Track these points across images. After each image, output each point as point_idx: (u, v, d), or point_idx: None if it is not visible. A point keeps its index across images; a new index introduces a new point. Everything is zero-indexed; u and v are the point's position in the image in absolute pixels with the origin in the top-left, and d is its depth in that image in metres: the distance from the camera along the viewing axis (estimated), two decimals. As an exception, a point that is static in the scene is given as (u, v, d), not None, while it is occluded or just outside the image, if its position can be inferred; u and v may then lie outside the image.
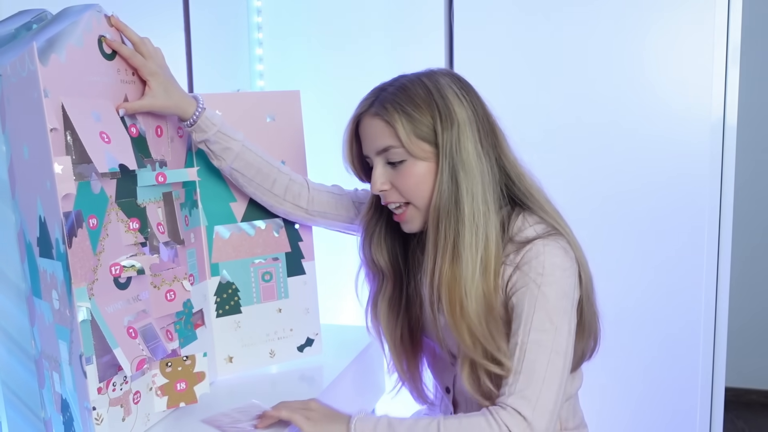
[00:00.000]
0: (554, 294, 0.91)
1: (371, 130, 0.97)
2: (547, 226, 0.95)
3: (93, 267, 0.84)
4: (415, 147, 0.94)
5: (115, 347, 0.85)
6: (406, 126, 0.93)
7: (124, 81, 0.93)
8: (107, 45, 0.90)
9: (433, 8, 1.67)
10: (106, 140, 0.86)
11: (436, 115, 0.93)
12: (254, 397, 1.07)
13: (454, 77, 0.98)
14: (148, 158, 0.98)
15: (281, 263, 1.19)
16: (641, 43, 1.53)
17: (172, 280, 1.00)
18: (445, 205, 0.93)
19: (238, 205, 1.15)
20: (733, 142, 1.50)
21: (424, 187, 0.96)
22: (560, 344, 0.90)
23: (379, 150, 0.96)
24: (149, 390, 0.96)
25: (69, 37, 0.82)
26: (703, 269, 1.54)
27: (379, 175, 0.97)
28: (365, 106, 0.98)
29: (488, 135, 0.97)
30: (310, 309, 1.23)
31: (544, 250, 0.92)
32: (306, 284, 1.22)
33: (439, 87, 0.95)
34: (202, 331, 1.11)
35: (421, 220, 0.99)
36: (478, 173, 0.93)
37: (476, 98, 0.98)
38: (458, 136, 0.93)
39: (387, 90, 0.97)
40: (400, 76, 0.99)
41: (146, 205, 0.96)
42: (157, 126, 1.01)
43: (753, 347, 2.71)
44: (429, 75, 0.97)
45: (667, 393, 1.59)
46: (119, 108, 0.92)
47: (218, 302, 1.15)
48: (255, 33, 1.78)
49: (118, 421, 0.88)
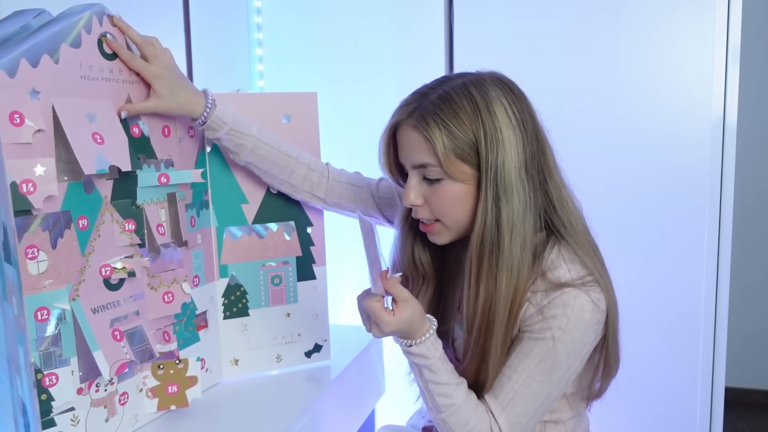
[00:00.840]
0: (566, 353, 0.87)
1: (409, 143, 0.91)
2: (582, 268, 0.89)
3: (80, 268, 0.85)
4: (453, 168, 0.87)
5: (96, 350, 0.85)
6: (446, 144, 0.86)
7: (127, 81, 0.93)
8: (107, 45, 0.89)
9: (433, 8, 1.66)
10: (98, 141, 0.85)
11: (480, 135, 0.86)
12: (257, 397, 1.06)
13: (505, 87, 0.90)
14: (152, 158, 0.97)
15: (291, 267, 1.17)
16: (641, 42, 1.52)
17: (171, 282, 1.00)
18: (488, 236, 0.87)
19: (249, 206, 1.13)
20: (733, 142, 1.49)
21: (459, 210, 0.90)
22: (551, 395, 0.89)
23: (416, 165, 0.91)
24: (139, 391, 0.96)
25: (64, 38, 0.82)
26: (703, 269, 1.53)
27: (413, 189, 0.92)
28: (404, 114, 0.91)
29: (536, 156, 0.90)
30: (319, 315, 1.20)
31: (574, 303, 0.86)
32: (316, 289, 1.19)
33: (489, 101, 0.87)
34: (205, 333, 1.10)
35: (449, 237, 0.95)
36: (520, 202, 0.87)
37: (528, 113, 0.90)
38: (503, 159, 0.86)
39: (429, 98, 0.89)
40: (445, 78, 0.92)
41: (145, 206, 0.95)
42: (164, 126, 1.00)
43: (753, 347, 2.70)
44: (478, 83, 0.89)
45: (667, 393, 1.58)
46: (121, 110, 0.91)
47: (226, 304, 1.14)
48: (255, 33, 1.77)
49: (100, 421, 0.88)
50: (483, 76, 0.91)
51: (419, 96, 0.91)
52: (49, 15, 0.89)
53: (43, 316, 0.78)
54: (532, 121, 0.90)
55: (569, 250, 0.91)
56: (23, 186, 0.76)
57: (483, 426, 0.89)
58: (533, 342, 0.88)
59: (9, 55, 0.76)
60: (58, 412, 0.81)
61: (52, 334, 0.79)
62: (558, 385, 0.89)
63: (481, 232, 0.88)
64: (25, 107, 0.76)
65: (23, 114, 0.76)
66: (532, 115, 0.91)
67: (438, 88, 0.90)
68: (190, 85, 1.00)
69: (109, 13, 0.90)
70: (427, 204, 0.92)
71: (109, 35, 0.89)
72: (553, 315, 0.86)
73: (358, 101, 1.71)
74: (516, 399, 0.88)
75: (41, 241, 0.78)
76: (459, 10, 1.63)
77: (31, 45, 0.78)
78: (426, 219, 0.94)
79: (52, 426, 0.80)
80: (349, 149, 1.72)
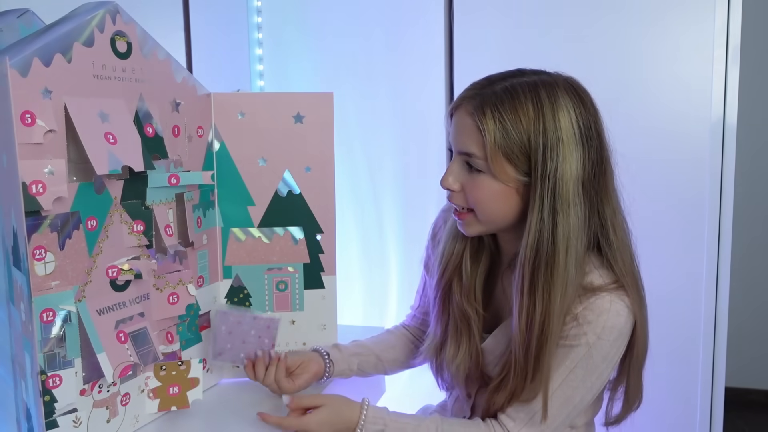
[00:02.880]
0: (600, 358, 0.86)
1: (461, 128, 0.88)
2: (612, 274, 0.87)
3: (87, 269, 0.84)
4: (497, 166, 0.84)
5: (100, 352, 0.84)
6: (497, 140, 0.83)
7: (140, 80, 0.92)
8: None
9: (433, 8, 1.65)
10: (111, 141, 0.84)
11: (538, 141, 0.82)
12: (257, 398, 1.06)
13: (577, 97, 0.85)
14: (164, 158, 0.97)
15: (298, 274, 1.16)
16: (642, 43, 1.52)
17: (177, 283, 0.99)
18: (543, 248, 0.84)
19: (256, 209, 1.12)
20: (733, 142, 1.49)
21: (494, 206, 0.88)
22: (585, 400, 0.89)
23: (461, 152, 0.88)
24: (141, 392, 0.95)
25: (77, 36, 0.81)
26: (703, 269, 1.53)
27: (453, 174, 0.90)
28: (466, 97, 0.87)
29: (597, 175, 0.86)
30: (327, 326, 1.18)
31: (609, 308, 0.85)
32: (324, 299, 1.17)
33: (555, 107, 0.82)
34: (207, 333, 1.10)
35: (479, 230, 0.92)
36: (578, 218, 0.84)
37: (596, 129, 0.86)
38: (562, 171, 0.82)
39: (494, 87, 0.85)
40: (519, 71, 0.88)
41: (155, 207, 0.94)
42: (174, 125, 0.99)
43: (753, 347, 2.69)
44: (550, 86, 0.84)
45: (667, 393, 1.57)
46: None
47: (229, 305, 1.14)
48: (255, 33, 1.76)
49: (101, 422, 0.88)
50: (557, 79, 0.87)
51: (487, 83, 0.88)
52: (33, 15, 0.88)
53: (49, 317, 0.78)
54: (598, 137, 0.86)
55: (599, 256, 0.89)
56: (33, 187, 0.75)
57: None
58: (567, 349, 0.86)
59: (21, 54, 0.75)
60: (61, 414, 0.81)
61: (57, 335, 0.79)
62: (591, 392, 0.88)
63: (535, 243, 0.84)
64: (36, 107, 0.76)
65: (35, 114, 0.75)
66: (599, 131, 0.87)
67: (507, 80, 0.86)
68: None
69: (122, 10, 0.89)
70: (464, 191, 0.89)
71: (122, 33, 0.88)
72: (589, 321, 0.85)
73: (358, 101, 1.71)
74: (551, 403, 0.87)
75: (49, 243, 0.78)
76: (459, 11, 1.63)
77: (44, 44, 0.77)
78: (459, 206, 0.91)
79: (54, 427, 0.80)
80: (350, 149, 1.72)
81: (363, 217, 1.77)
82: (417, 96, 1.68)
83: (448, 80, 1.68)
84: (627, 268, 0.89)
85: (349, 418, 0.91)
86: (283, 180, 1.12)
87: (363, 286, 1.77)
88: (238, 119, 1.10)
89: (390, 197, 1.75)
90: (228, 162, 1.10)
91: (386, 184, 1.75)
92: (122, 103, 0.89)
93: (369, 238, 1.77)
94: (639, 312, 0.88)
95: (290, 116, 1.12)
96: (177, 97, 1.00)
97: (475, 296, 0.99)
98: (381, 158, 1.74)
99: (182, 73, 1.01)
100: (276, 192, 1.13)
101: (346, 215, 1.73)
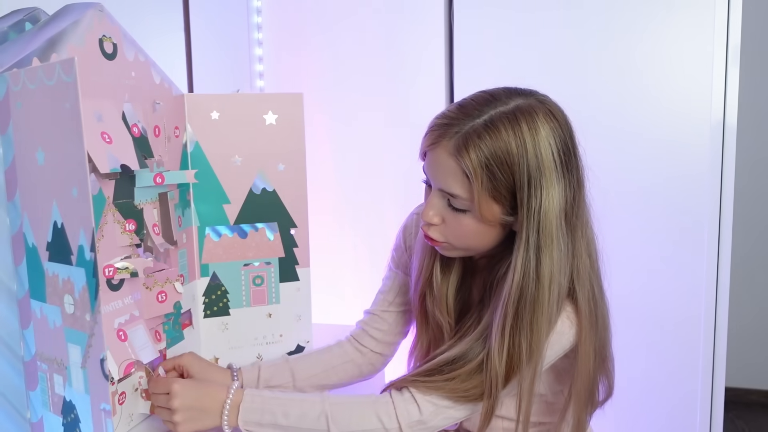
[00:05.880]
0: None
1: (443, 167, 0.84)
2: (571, 302, 0.89)
3: (87, 268, 0.84)
4: (484, 208, 0.83)
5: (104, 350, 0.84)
6: (485, 183, 0.81)
7: (126, 81, 0.93)
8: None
9: (433, 8, 1.66)
10: (107, 140, 0.85)
11: (523, 180, 0.80)
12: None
13: (555, 123, 0.83)
14: (150, 158, 0.98)
15: (274, 268, 1.19)
16: (641, 43, 1.53)
17: (164, 281, 1.00)
18: (527, 287, 0.83)
19: (231, 207, 1.15)
20: (733, 142, 1.50)
21: (473, 241, 0.88)
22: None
23: (444, 191, 0.86)
24: (135, 391, 0.96)
25: (70, 37, 0.81)
26: (703, 269, 1.53)
27: (434, 208, 0.88)
28: (442, 134, 0.83)
29: (576, 201, 0.86)
30: (302, 316, 1.22)
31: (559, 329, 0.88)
32: (299, 291, 1.21)
33: (537, 141, 0.80)
34: (189, 331, 1.11)
35: (457, 254, 0.94)
36: (560, 253, 0.83)
37: (574, 153, 0.85)
38: (547, 206, 0.81)
39: (474, 122, 0.82)
40: (491, 97, 0.84)
41: (143, 206, 0.95)
42: (155, 125, 1.00)
43: (753, 347, 2.69)
44: (529, 115, 0.82)
45: (667, 393, 1.58)
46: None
47: (206, 303, 1.15)
48: (255, 33, 1.77)
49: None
50: (534, 105, 0.84)
51: (463, 116, 0.83)
52: (43, 13, 0.87)
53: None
54: (576, 161, 0.86)
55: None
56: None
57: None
58: None
59: (21, 56, 0.75)
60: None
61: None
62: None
63: (520, 282, 0.83)
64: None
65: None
66: (577, 155, 0.86)
67: (483, 111, 0.83)
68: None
69: (108, 12, 0.89)
70: (444, 223, 0.88)
71: (108, 35, 0.89)
72: None
73: (358, 101, 1.70)
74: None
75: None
76: (459, 11, 1.63)
77: (40, 44, 0.77)
78: (436, 239, 0.91)
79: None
80: (350, 149, 1.70)
81: (362, 219, 1.75)
82: (417, 96, 1.67)
83: (448, 80, 1.68)
84: (590, 294, 0.89)
85: (214, 397, 0.89)
86: (258, 178, 1.16)
87: (363, 285, 1.76)
88: (211, 119, 1.12)
89: (390, 197, 1.74)
90: (203, 161, 1.12)
91: (386, 185, 1.74)
92: (112, 104, 0.89)
93: (368, 240, 1.74)
94: (587, 334, 0.89)
95: (262, 116, 1.15)
96: (156, 98, 1.01)
97: (447, 307, 1.01)
98: (381, 158, 1.73)
99: (160, 74, 1.02)
100: (251, 189, 1.16)
101: (344, 217, 1.71)
